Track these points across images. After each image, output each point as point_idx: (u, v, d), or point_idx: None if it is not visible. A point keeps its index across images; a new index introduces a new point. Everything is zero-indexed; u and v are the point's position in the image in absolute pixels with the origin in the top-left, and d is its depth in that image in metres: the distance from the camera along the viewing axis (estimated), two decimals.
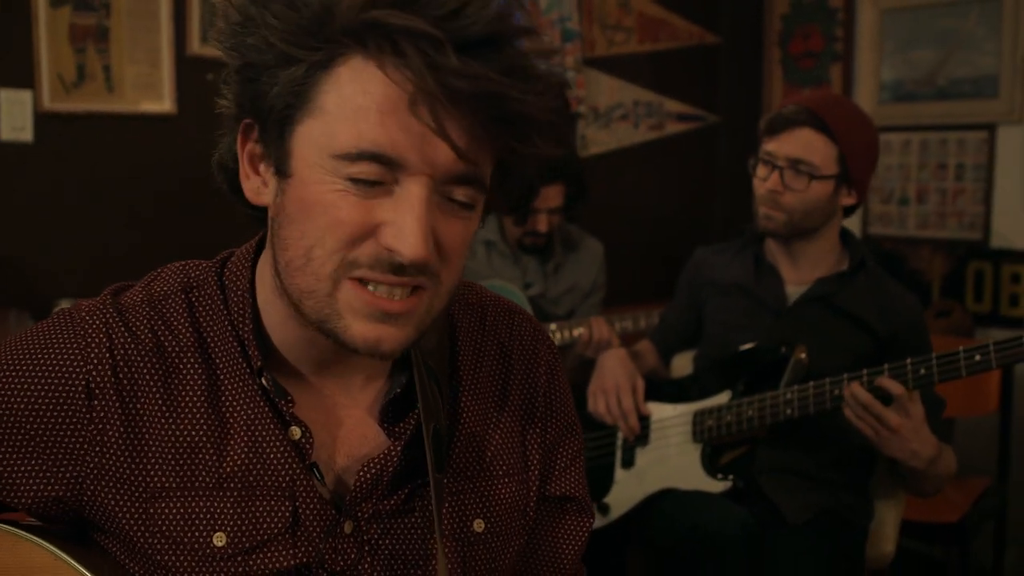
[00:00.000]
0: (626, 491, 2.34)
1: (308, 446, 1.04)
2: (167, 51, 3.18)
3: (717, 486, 2.22)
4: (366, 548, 1.05)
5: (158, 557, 1.01)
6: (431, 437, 1.04)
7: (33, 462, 1.01)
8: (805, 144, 2.22)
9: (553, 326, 3.04)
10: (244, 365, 1.04)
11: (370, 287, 0.94)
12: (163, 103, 3.20)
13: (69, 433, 1.01)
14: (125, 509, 1.01)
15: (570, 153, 3.17)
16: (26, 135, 3.00)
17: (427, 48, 0.87)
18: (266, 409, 1.03)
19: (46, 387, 1.01)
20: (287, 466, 1.03)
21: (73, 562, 1.01)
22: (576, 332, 3.02)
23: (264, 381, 1.03)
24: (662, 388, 2.44)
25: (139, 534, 1.01)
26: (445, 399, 1.11)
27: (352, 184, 0.91)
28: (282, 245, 0.97)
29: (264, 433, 1.03)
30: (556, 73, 0.95)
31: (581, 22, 4.07)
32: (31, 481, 1.02)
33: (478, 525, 1.12)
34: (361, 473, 1.05)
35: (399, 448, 1.06)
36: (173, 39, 3.18)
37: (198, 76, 3.12)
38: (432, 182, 0.92)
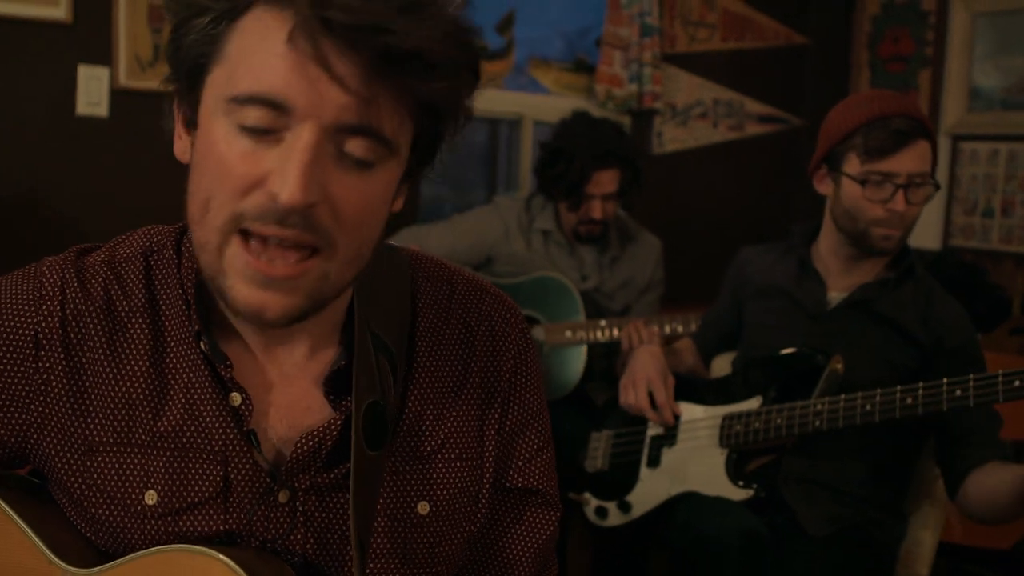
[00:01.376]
0: (649, 491, 2.31)
1: (247, 412, 1.04)
2: None
3: (739, 494, 2.17)
4: (300, 519, 1.06)
5: (94, 511, 1.04)
6: (364, 413, 1.03)
7: None
8: (923, 156, 2.13)
9: (603, 322, 3.01)
10: (189, 329, 1.06)
11: (254, 244, 0.93)
12: None
13: (15, 380, 1.04)
14: (64, 460, 1.04)
15: (623, 137, 3.14)
16: (102, 110, 3.10)
17: None
18: (206, 373, 1.05)
19: None
20: (222, 431, 1.04)
21: (9, 509, 1.04)
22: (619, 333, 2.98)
23: (202, 345, 1.04)
24: (695, 388, 2.39)
25: (76, 486, 1.04)
26: (398, 375, 1.10)
27: (243, 132, 0.91)
28: (188, 199, 0.98)
29: (202, 396, 1.04)
30: (456, 14, 0.93)
31: (661, 17, 4.03)
32: None
33: (422, 507, 1.10)
34: (299, 444, 1.05)
35: (339, 422, 1.05)
36: None
37: None
38: (321, 129, 0.90)
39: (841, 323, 2.25)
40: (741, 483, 2.19)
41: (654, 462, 2.34)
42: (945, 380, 1.94)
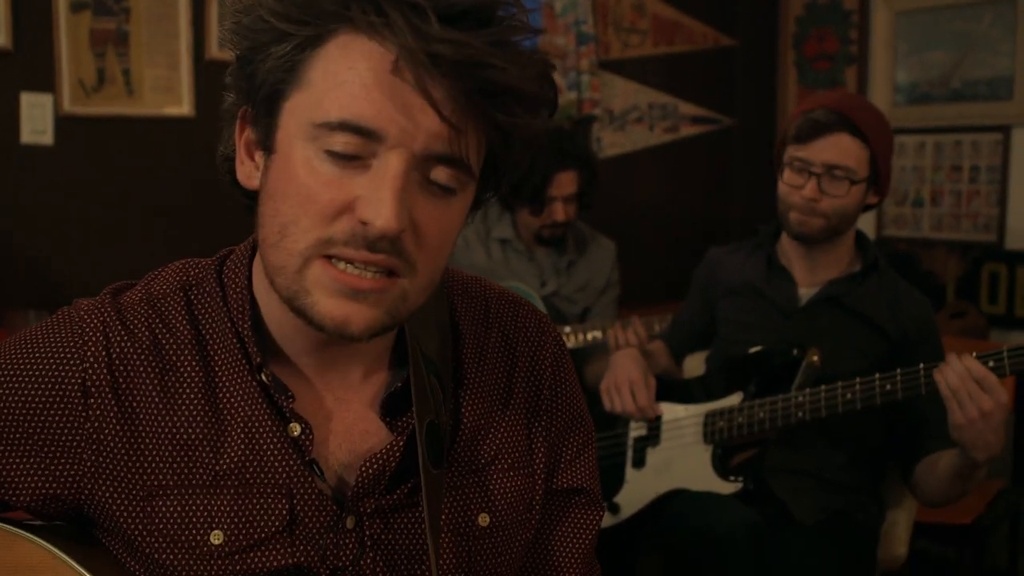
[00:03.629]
0: (636, 491, 2.35)
1: (308, 442, 1.04)
2: (186, 55, 3.22)
3: (728, 487, 2.23)
4: (368, 543, 1.06)
5: (156, 555, 1.02)
6: (425, 432, 1.04)
7: (31, 460, 1.02)
8: (842, 149, 2.20)
9: (567, 329, 3.05)
10: (243, 362, 1.05)
11: (341, 265, 0.94)
12: (182, 106, 3.24)
13: (66, 431, 1.02)
14: (123, 507, 1.02)
15: (577, 139, 3.20)
16: (47, 138, 3.04)
17: (411, 15, 0.88)
18: (264, 406, 1.04)
19: (43, 386, 1.02)
20: (285, 463, 1.03)
21: (71, 561, 1.01)
22: (591, 336, 3.04)
23: (264, 377, 1.04)
24: (674, 388, 2.44)
25: (137, 532, 1.02)
26: (448, 393, 1.11)
27: (329, 157, 0.92)
28: (260, 222, 0.98)
29: (262, 430, 1.03)
30: (539, 51, 0.96)
31: (596, 25, 4.09)
32: (30, 479, 1.03)
33: (483, 519, 1.12)
34: (363, 468, 1.05)
35: (401, 443, 1.06)
36: (192, 43, 3.22)
37: (217, 79, 3.15)
38: (411, 156, 0.92)
39: (813, 319, 2.33)
40: (730, 477, 2.24)
41: (639, 463, 2.39)
42: (922, 365, 2.03)
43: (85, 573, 1.02)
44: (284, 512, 1.03)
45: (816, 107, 2.25)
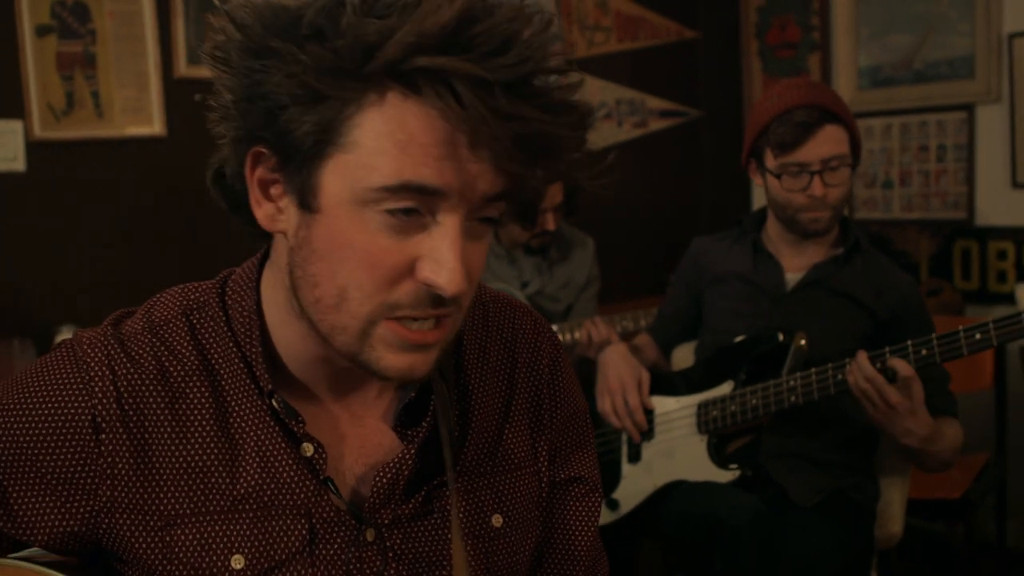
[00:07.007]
0: (634, 486, 2.37)
1: (321, 461, 1.04)
2: (154, 74, 3.20)
3: (726, 476, 2.25)
4: (390, 555, 1.06)
5: None
6: (448, 436, 1.06)
7: (46, 499, 1.01)
8: (833, 140, 2.24)
9: (555, 327, 3.07)
10: (252, 386, 1.04)
11: (406, 322, 0.94)
12: (153, 126, 3.22)
13: (79, 468, 1.01)
14: (141, 538, 1.01)
15: None
16: (18, 165, 3.01)
17: (477, 89, 0.86)
18: (276, 428, 1.04)
19: (53, 424, 1.01)
20: (301, 483, 1.03)
21: None
22: (577, 334, 3.05)
23: (274, 403, 1.03)
24: (664, 381, 2.46)
25: (157, 562, 1.01)
26: (454, 398, 1.13)
27: (388, 217, 0.90)
28: (310, 281, 0.96)
29: (275, 452, 1.03)
30: (584, 102, 0.96)
31: (560, 24, 4.10)
32: (46, 518, 1.02)
33: (496, 520, 1.13)
34: (377, 479, 1.05)
35: (412, 451, 1.07)
36: (160, 62, 3.21)
37: (186, 98, 3.14)
38: (469, 212, 0.93)
39: (801, 302, 2.35)
40: (728, 465, 2.27)
41: (635, 458, 2.40)
42: (910, 341, 2.07)
43: None
44: (304, 532, 1.03)
45: (789, 108, 2.25)
